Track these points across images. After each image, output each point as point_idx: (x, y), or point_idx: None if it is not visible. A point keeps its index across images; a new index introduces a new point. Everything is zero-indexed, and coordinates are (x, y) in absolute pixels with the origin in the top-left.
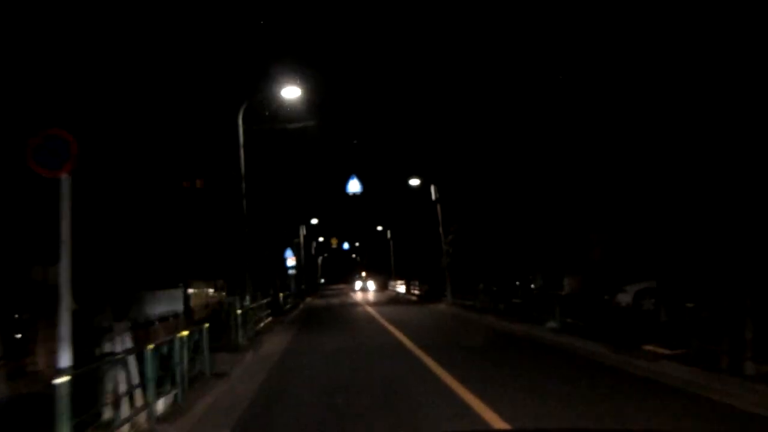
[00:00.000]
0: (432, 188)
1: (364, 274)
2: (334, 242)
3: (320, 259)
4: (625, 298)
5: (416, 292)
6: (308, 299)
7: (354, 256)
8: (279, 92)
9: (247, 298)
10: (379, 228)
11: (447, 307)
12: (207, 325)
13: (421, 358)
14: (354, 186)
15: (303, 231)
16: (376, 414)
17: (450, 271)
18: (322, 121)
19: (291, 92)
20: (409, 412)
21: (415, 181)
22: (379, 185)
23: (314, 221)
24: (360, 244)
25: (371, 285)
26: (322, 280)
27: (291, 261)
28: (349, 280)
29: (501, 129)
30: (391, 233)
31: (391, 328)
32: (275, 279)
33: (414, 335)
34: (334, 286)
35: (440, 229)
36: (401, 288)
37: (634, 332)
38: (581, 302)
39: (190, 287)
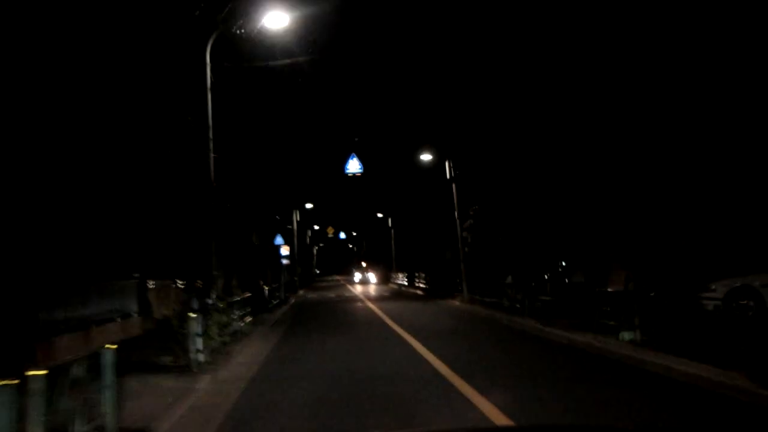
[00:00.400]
0: (447, 164)
1: (364, 264)
2: (330, 231)
3: (316, 248)
4: (712, 299)
5: (422, 285)
6: (301, 292)
7: (351, 246)
8: (261, 21)
9: (213, 294)
10: (380, 215)
11: (464, 305)
12: (113, 346)
13: (474, 401)
14: (354, 166)
15: (296, 216)
16: None
17: (466, 262)
18: (318, 81)
19: (276, 20)
20: None
21: (426, 157)
22: (382, 166)
23: (309, 206)
24: (357, 233)
25: (372, 277)
26: (317, 271)
27: (285, 250)
28: (345, 271)
29: (530, 94)
30: (393, 221)
31: (406, 336)
32: (266, 269)
33: (441, 349)
34: (330, 278)
35: (455, 213)
36: (403, 281)
37: None
38: (665, 305)
39: (152, 279)
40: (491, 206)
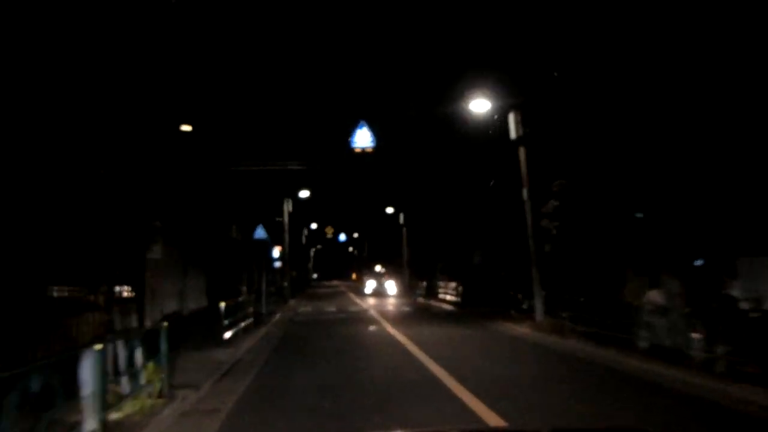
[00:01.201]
0: (510, 118)
1: (379, 268)
2: (329, 231)
3: (313, 251)
4: None
5: (449, 298)
6: (292, 302)
7: (352, 249)
8: None
9: None
10: (390, 210)
11: (544, 335)
12: None
13: None
14: (362, 138)
15: (288, 206)
16: None
17: (540, 265)
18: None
19: None
20: None
21: (480, 106)
22: (394, 147)
23: (305, 194)
24: (359, 235)
25: (391, 287)
26: (315, 276)
27: (276, 251)
28: (345, 277)
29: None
30: (405, 217)
31: None
32: (252, 272)
33: None
34: (328, 283)
35: (523, 192)
36: (419, 291)
37: None
38: None
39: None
40: (594, 178)
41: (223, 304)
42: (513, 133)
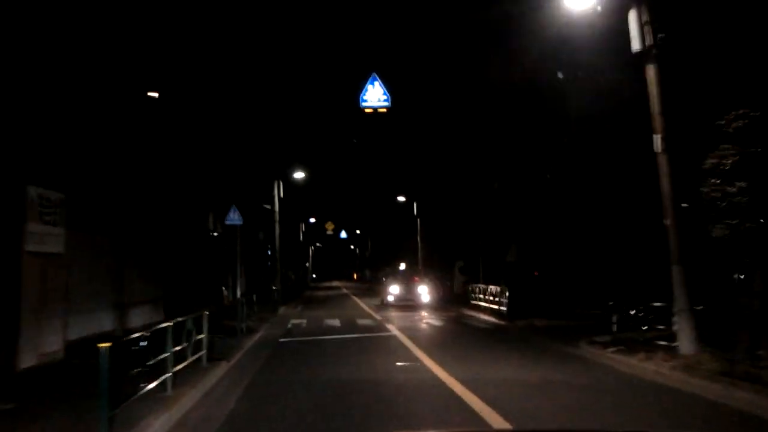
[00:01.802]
0: (631, 18)
1: (403, 266)
2: (329, 227)
3: (312, 248)
4: None
5: (485, 305)
6: (282, 310)
7: (353, 247)
8: None
9: None
10: (401, 198)
11: (718, 385)
12: None
13: None
14: (374, 96)
15: (279, 190)
16: None
17: (685, 261)
18: None
19: None
20: None
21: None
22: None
23: (299, 175)
24: (361, 232)
25: (425, 293)
26: (314, 276)
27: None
28: (346, 277)
29: None
30: (418, 208)
31: None
32: (236, 273)
33: None
34: (329, 285)
35: (656, 139)
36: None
37: None
38: None
39: None
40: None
41: (105, 346)
42: (636, 43)
